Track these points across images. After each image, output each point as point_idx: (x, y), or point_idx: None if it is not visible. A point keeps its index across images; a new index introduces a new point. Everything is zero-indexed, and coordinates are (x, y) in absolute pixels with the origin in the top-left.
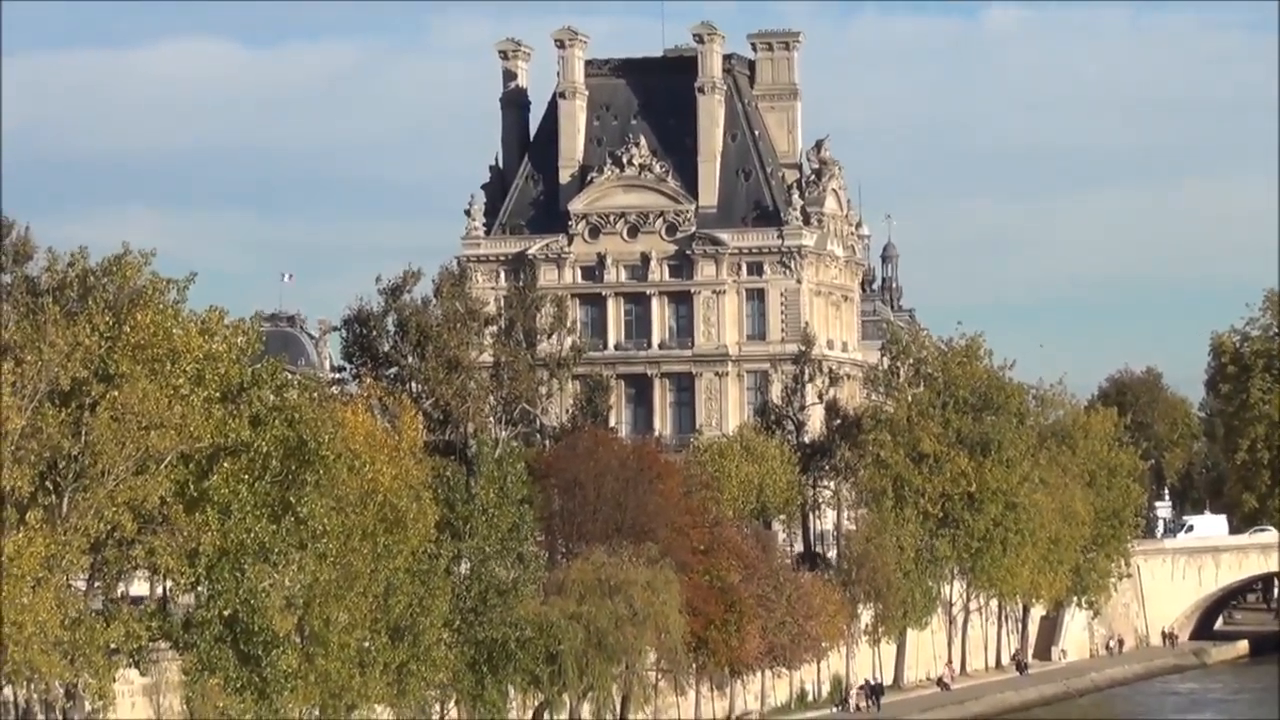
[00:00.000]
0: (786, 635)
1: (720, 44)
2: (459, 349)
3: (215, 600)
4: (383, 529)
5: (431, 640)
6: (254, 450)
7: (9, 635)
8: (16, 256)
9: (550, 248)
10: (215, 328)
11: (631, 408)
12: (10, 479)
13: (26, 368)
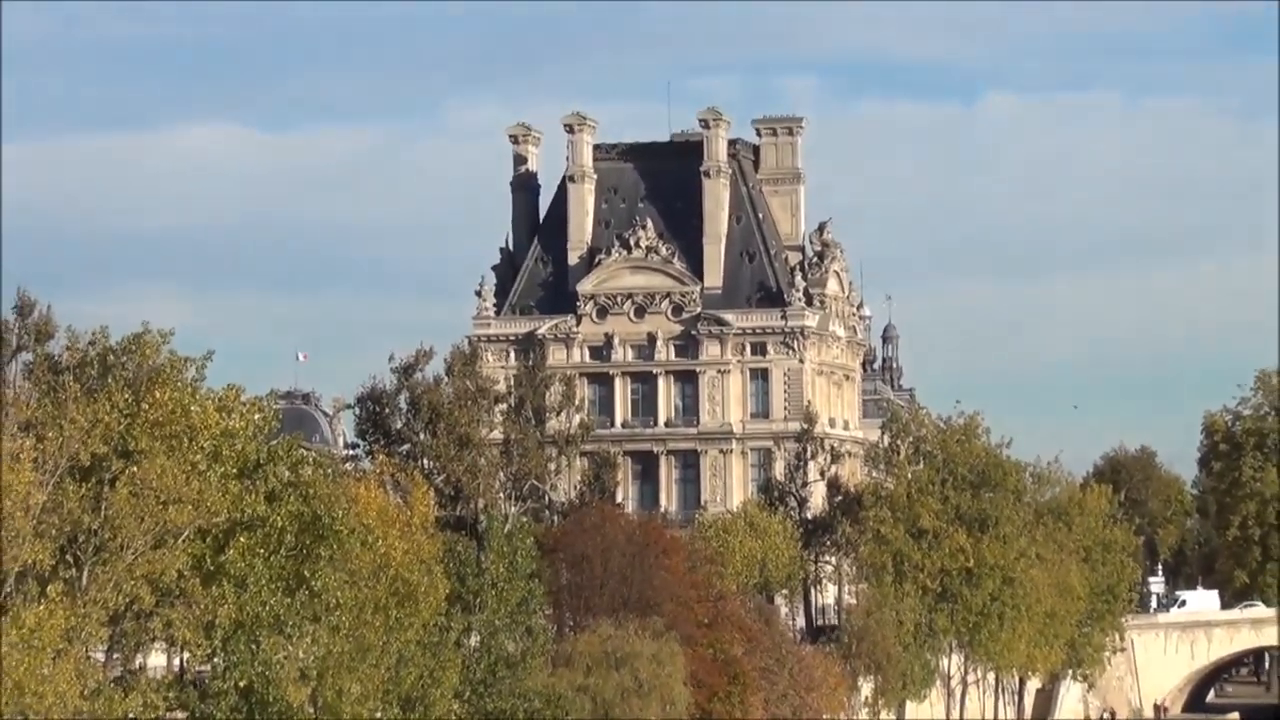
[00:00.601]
0: (788, 707)
1: (725, 129)
2: (470, 426)
3: (231, 671)
4: (395, 602)
5: (442, 711)
6: (269, 525)
7: (30, 705)
8: (38, 335)
9: (559, 328)
10: (232, 405)
11: (638, 484)
12: (32, 553)
13: (48, 444)
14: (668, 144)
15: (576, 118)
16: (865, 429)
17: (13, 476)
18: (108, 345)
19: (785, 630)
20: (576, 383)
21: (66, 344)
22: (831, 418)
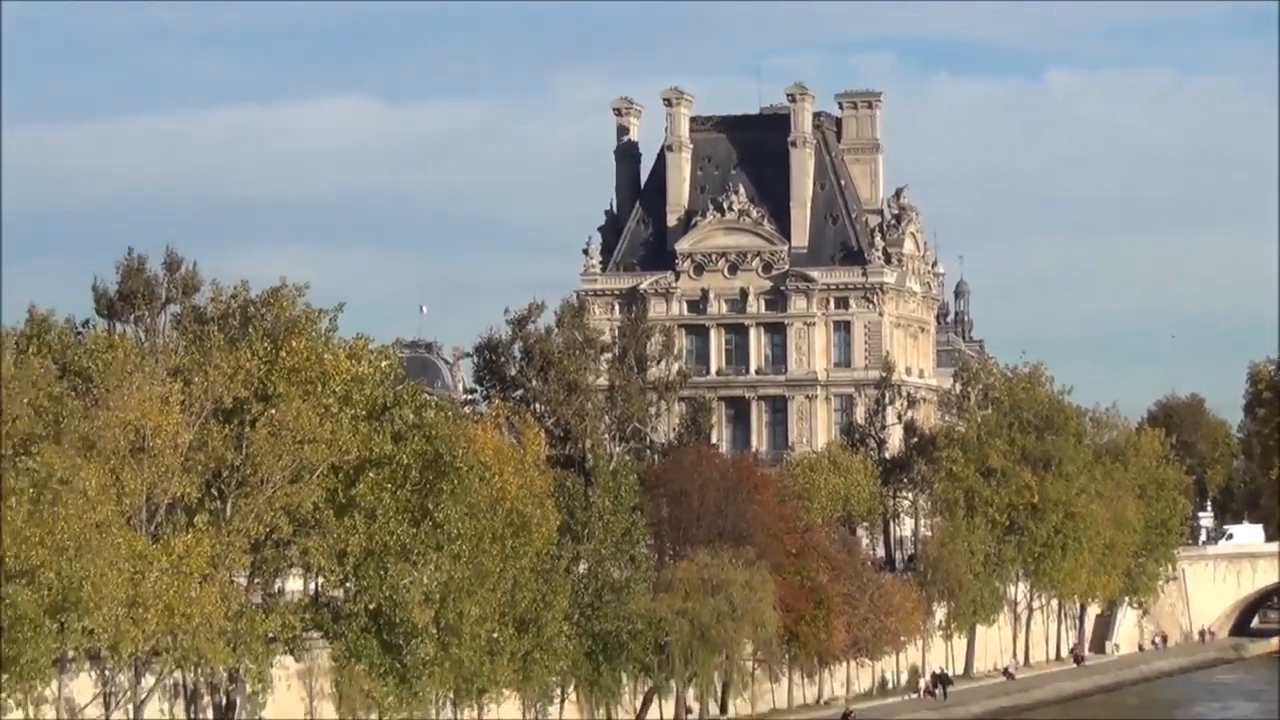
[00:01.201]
0: (869, 630)
1: (811, 103)
2: (578, 373)
3: (361, 595)
4: (510, 532)
5: (553, 632)
6: (396, 462)
7: (179, 625)
8: (185, 289)
9: (659, 283)
10: (361, 353)
11: (731, 427)
12: (180, 486)
13: (194, 388)
14: (758, 116)
15: (674, 92)
16: (939, 377)
17: (162, 418)
18: (248, 298)
19: (866, 560)
20: (675, 334)
21: (211, 297)
22: (908, 366)
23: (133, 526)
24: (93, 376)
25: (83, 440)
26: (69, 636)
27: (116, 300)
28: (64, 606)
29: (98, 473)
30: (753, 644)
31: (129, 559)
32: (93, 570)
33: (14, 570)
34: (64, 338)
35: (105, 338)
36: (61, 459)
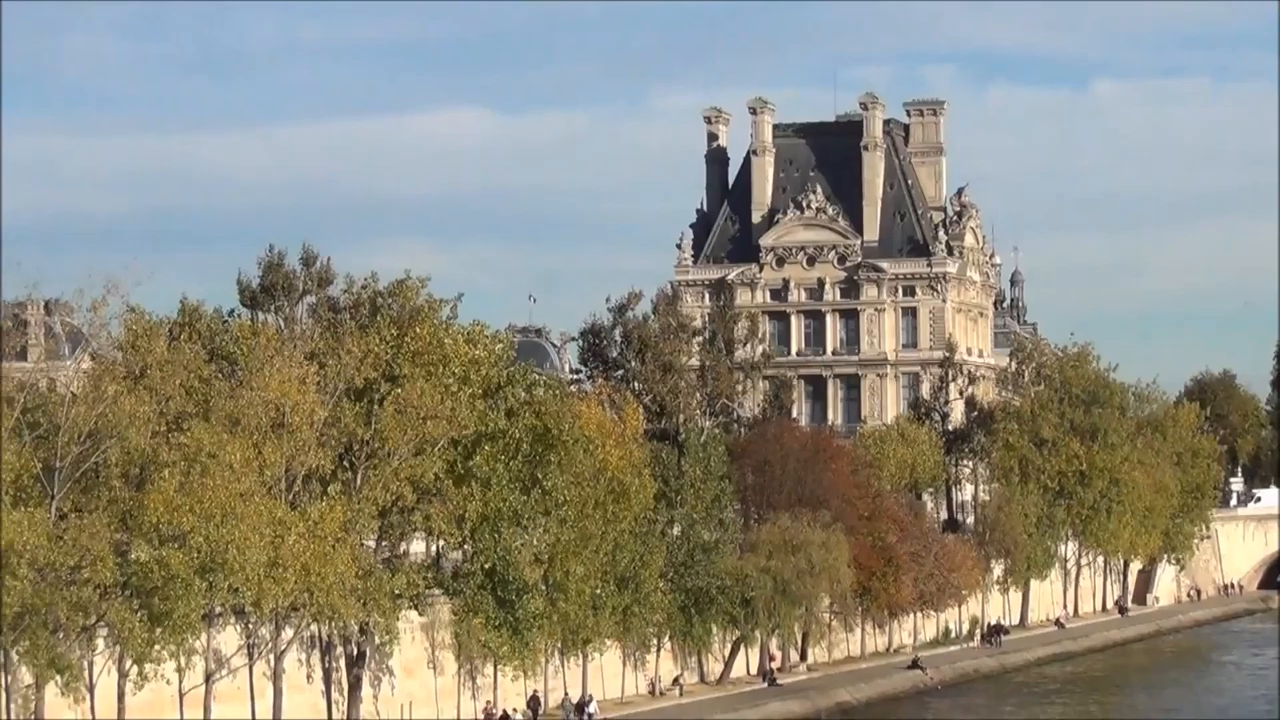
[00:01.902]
0: (934, 584)
1: (881, 111)
2: (672, 355)
3: (478, 556)
4: (611, 499)
5: (650, 588)
6: (509, 436)
7: (314, 583)
8: (320, 281)
9: (745, 274)
10: (477, 338)
11: (809, 402)
12: (315, 459)
13: (328, 370)
14: (833, 123)
15: (759, 102)
16: (996, 357)
17: (300, 397)
18: (377, 290)
19: (930, 521)
20: (759, 319)
21: (343, 288)
22: (968, 347)
23: (273, 495)
24: (238, 360)
25: (229, 418)
26: (216, 594)
27: (259, 292)
28: (212, 567)
29: (242, 447)
30: (829, 598)
31: (270, 524)
32: (237, 534)
33: (167, 535)
34: (212, 326)
35: (249, 326)
36: (210, 435)
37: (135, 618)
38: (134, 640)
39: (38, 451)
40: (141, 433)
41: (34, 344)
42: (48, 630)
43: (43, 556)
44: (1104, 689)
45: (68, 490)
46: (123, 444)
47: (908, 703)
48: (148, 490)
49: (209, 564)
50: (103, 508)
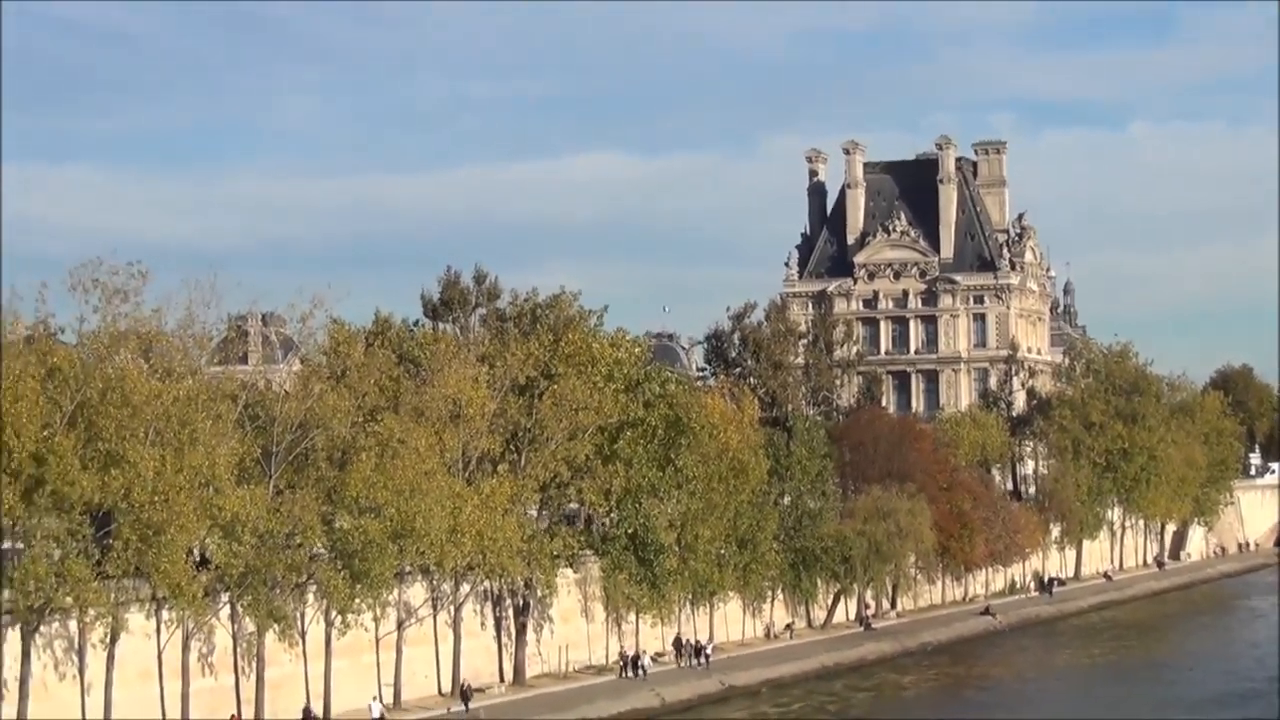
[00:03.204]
0: (1001, 544)
1: (953, 150)
2: (781, 355)
3: (622, 523)
4: (732, 475)
5: (765, 548)
6: (646, 423)
7: (487, 546)
8: (489, 296)
9: (842, 287)
10: (620, 342)
11: (896, 393)
12: (487, 443)
13: (496, 370)
14: (913, 161)
15: (852, 144)
16: (1052, 354)
17: (473, 392)
18: (536, 302)
19: (998, 492)
20: (854, 325)
21: (509, 302)
22: (1029, 347)
23: (452, 474)
24: (422, 362)
25: (415, 410)
26: (406, 556)
27: (439, 305)
28: (402, 534)
29: (426, 434)
30: (914, 556)
31: (449, 498)
32: (423, 507)
33: (365, 507)
34: (401, 334)
35: (431, 334)
36: (399, 424)
37: (339, 576)
38: (338, 595)
39: (257, 439)
40: (343, 423)
41: (253, 350)
42: (267, 587)
43: (263, 526)
44: (1144, 631)
45: (283, 471)
46: (327, 432)
47: (980, 642)
48: (348, 470)
49: (400, 531)
50: (311, 485)
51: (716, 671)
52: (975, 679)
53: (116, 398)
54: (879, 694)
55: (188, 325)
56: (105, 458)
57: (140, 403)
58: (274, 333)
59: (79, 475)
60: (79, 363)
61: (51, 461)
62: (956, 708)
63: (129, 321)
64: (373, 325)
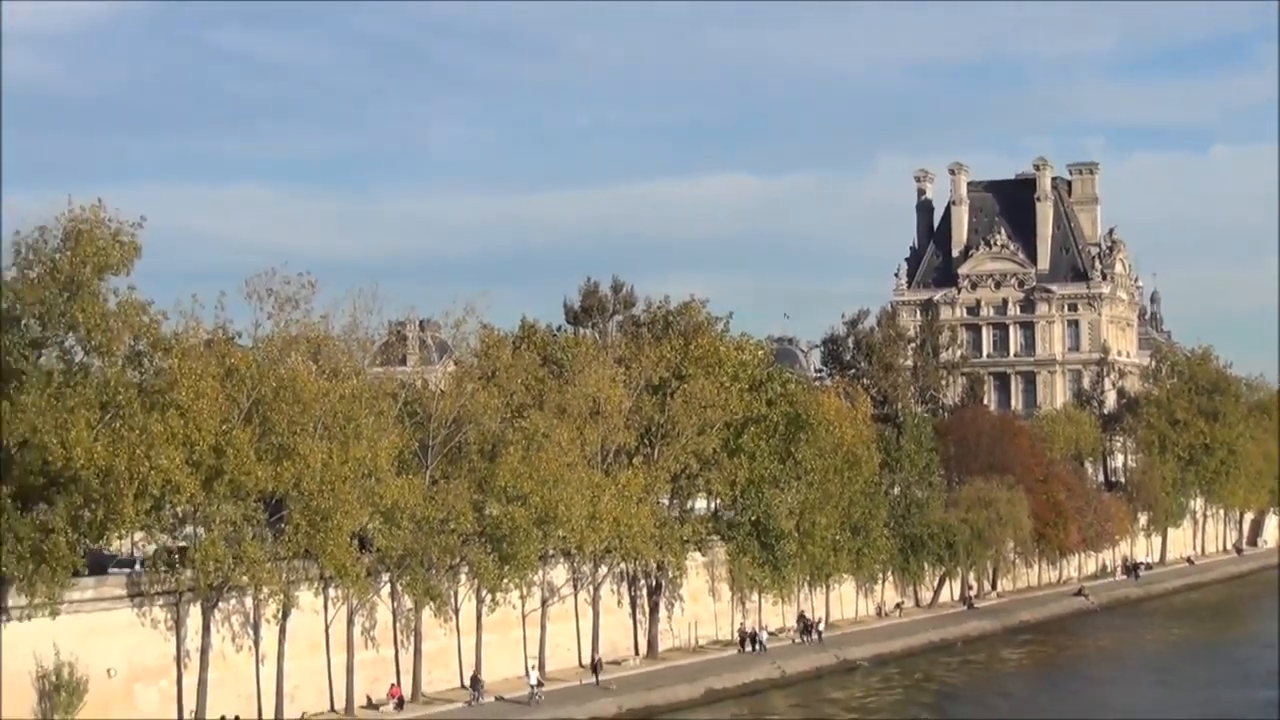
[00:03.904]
0: (1093, 531)
1: (1049, 171)
2: (892, 358)
3: (746, 510)
4: (846, 466)
5: (877, 534)
6: (768, 420)
7: (623, 532)
8: (625, 303)
9: (947, 296)
10: (745, 346)
11: (997, 393)
12: (623, 438)
13: (632, 371)
14: (1013, 180)
15: (957, 164)
16: (1140, 357)
17: (611, 391)
18: (668, 310)
19: (1090, 483)
20: (958, 330)
21: (644, 308)
22: (1118, 350)
23: (591, 465)
24: (564, 364)
25: (557, 407)
26: (549, 540)
27: (579, 312)
28: (546, 520)
29: (568, 429)
30: (1013, 541)
31: (589, 487)
32: (565, 495)
33: (512, 495)
34: (545, 338)
35: (572, 338)
36: (543, 420)
37: (489, 558)
38: (488, 575)
39: (415, 433)
40: (493, 419)
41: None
42: (424, 568)
43: (420, 512)
44: (1223, 612)
45: (438, 462)
46: (479, 427)
47: (1073, 621)
48: (498, 462)
49: (544, 517)
50: (464, 475)
51: (832, 646)
52: (1070, 654)
53: (288, 396)
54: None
55: (352, 330)
56: (278, 450)
57: (309, 400)
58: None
59: (254, 466)
60: (254, 364)
61: (230, 453)
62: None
63: (299, 327)
64: (520, 330)
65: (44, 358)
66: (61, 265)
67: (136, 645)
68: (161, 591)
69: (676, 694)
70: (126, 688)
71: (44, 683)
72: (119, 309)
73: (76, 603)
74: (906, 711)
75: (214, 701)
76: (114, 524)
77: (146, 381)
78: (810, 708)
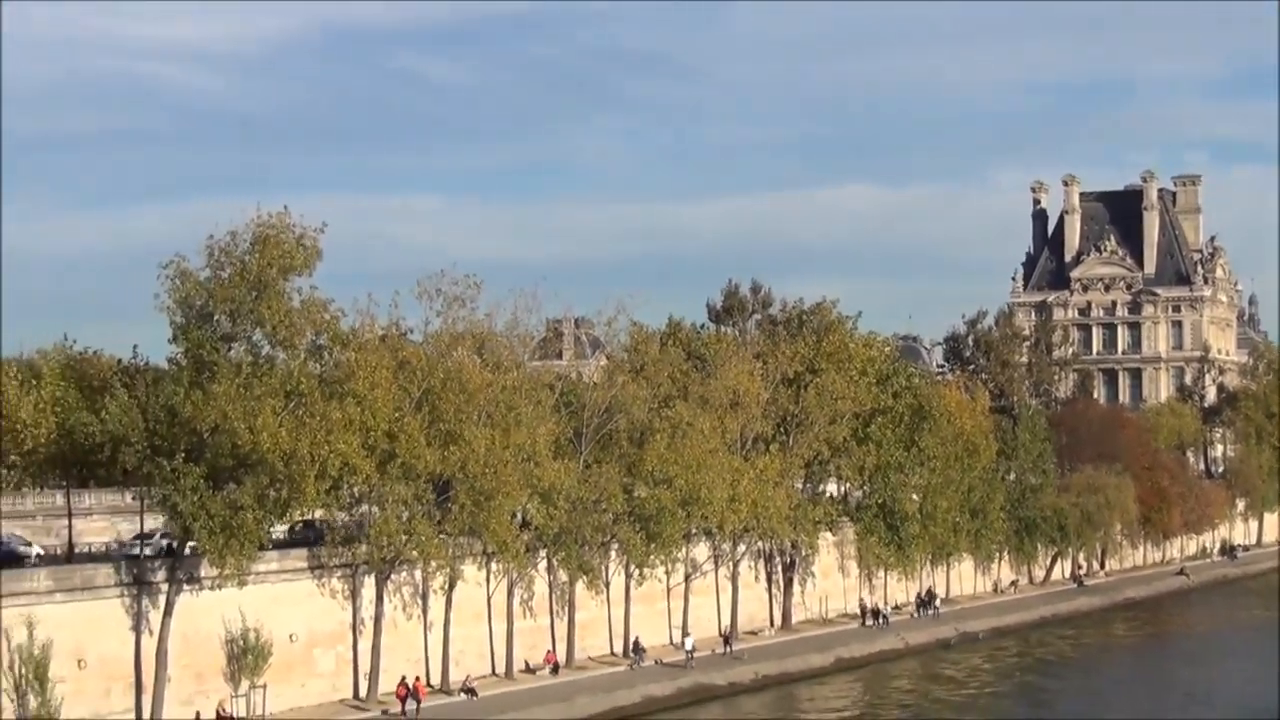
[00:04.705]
0: (1194, 515)
1: (1156, 183)
2: (1009, 355)
3: (873, 494)
4: (966, 454)
5: (994, 517)
6: (894, 411)
7: (760, 511)
8: (763, 303)
9: (1060, 298)
10: (872, 343)
11: (1105, 387)
12: (760, 427)
13: (768, 366)
14: (1121, 191)
15: (1070, 177)
16: (1238, 355)
17: (749, 384)
18: (802, 309)
19: (1192, 471)
20: (1070, 330)
21: (780, 308)
22: (1219, 349)
23: (731, 452)
24: (706, 359)
25: (700, 398)
26: (692, 520)
27: (721, 311)
28: (689, 501)
29: (709, 419)
30: (1120, 524)
31: (729, 472)
32: (707, 479)
33: (659, 479)
34: (689, 335)
35: (714, 335)
36: (688, 410)
37: (637, 536)
38: (636, 551)
39: (570, 421)
40: (641, 409)
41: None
42: (577, 544)
43: (574, 493)
44: None
45: (591, 448)
46: (628, 416)
47: (1175, 598)
48: (645, 448)
49: (687, 499)
50: (614, 460)
51: (952, 620)
52: (1172, 629)
53: (455, 386)
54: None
55: (513, 327)
56: (445, 436)
57: (474, 391)
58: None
59: (424, 450)
60: (425, 357)
61: (402, 439)
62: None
63: (465, 324)
64: (666, 328)
65: (234, 351)
66: (250, 267)
67: (316, 613)
68: (339, 564)
69: (809, 662)
70: (306, 652)
71: (232, 646)
72: (302, 307)
73: (262, 574)
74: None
75: (386, 665)
76: (297, 502)
77: (327, 373)
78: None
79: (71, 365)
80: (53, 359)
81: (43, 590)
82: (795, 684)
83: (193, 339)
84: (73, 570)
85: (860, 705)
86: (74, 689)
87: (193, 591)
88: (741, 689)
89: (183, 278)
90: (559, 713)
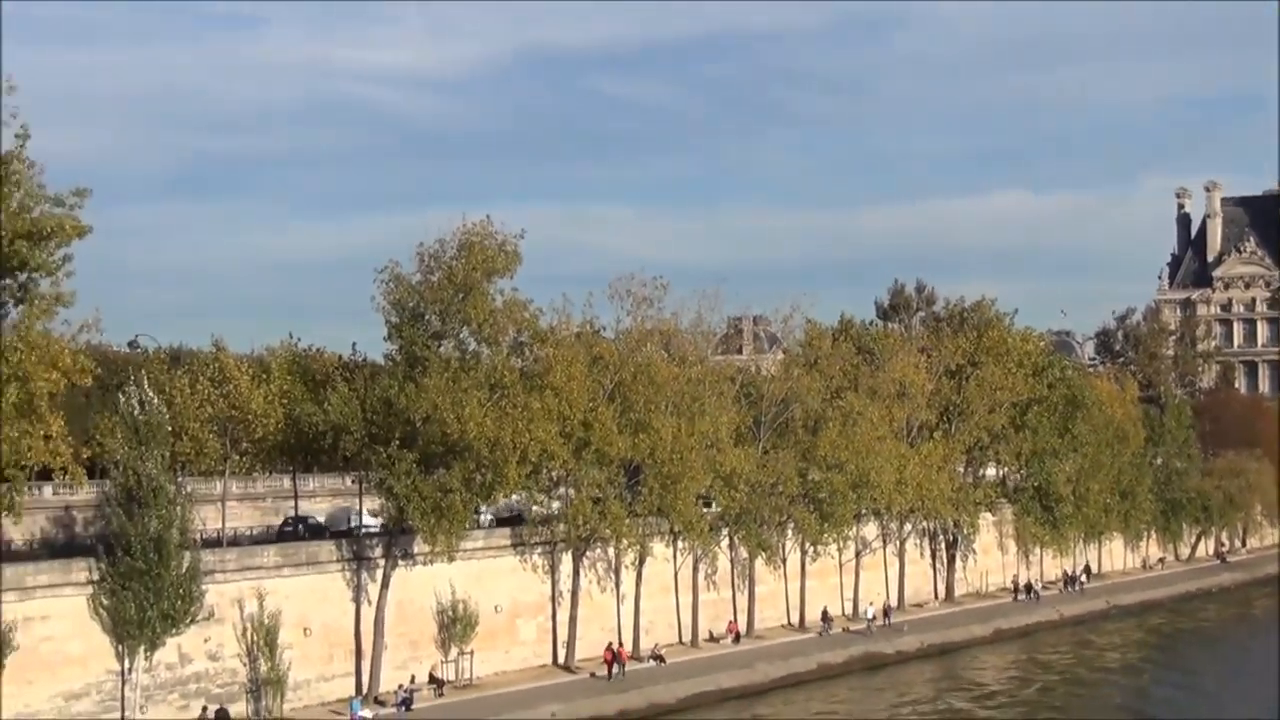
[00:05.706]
0: None
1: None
2: (1156, 348)
3: (1030, 478)
4: (1116, 441)
5: (1142, 498)
6: (1049, 401)
7: (924, 495)
8: (928, 302)
9: (1202, 295)
10: (1029, 338)
11: (1246, 379)
12: (925, 415)
13: (932, 359)
14: (1260, 196)
15: (1212, 183)
16: None
17: (915, 376)
18: (963, 307)
19: None
20: (1212, 325)
21: (943, 306)
22: None
23: (898, 438)
24: (875, 353)
25: (870, 389)
26: (862, 501)
27: (888, 309)
28: (859, 484)
29: (878, 408)
30: (1261, 505)
31: (896, 457)
32: (875, 464)
33: (831, 463)
34: (859, 331)
35: (882, 331)
36: (858, 400)
37: (811, 516)
38: (810, 530)
39: (750, 411)
40: (815, 399)
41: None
42: (756, 523)
43: (753, 477)
44: None
45: (768, 435)
46: (803, 406)
47: None
48: (819, 435)
49: (858, 482)
50: (790, 446)
51: (1103, 594)
52: None
53: (644, 379)
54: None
55: (697, 324)
56: (635, 424)
57: (662, 383)
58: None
59: (616, 438)
60: (616, 353)
61: (596, 427)
62: None
63: (653, 322)
64: (838, 324)
65: (443, 347)
66: (457, 271)
67: (518, 586)
68: (539, 542)
69: (971, 632)
70: (510, 622)
71: (443, 616)
72: (504, 307)
73: (469, 550)
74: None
75: (583, 633)
76: (500, 485)
77: (527, 367)
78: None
79: (297, 361)
80: (280, 356)
81: (271, 565)
82: (956, 652)
83: (406, 337)
84: (299, 547)
85: (1021, 667)
86: (300, 654)
87: (407, 566)
88: (909, 656)
89: (396, 281)
90: (742, 679)
